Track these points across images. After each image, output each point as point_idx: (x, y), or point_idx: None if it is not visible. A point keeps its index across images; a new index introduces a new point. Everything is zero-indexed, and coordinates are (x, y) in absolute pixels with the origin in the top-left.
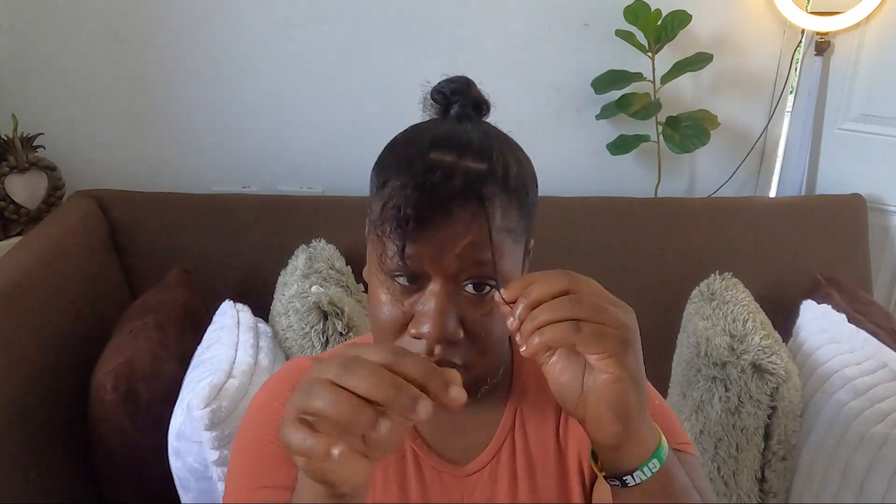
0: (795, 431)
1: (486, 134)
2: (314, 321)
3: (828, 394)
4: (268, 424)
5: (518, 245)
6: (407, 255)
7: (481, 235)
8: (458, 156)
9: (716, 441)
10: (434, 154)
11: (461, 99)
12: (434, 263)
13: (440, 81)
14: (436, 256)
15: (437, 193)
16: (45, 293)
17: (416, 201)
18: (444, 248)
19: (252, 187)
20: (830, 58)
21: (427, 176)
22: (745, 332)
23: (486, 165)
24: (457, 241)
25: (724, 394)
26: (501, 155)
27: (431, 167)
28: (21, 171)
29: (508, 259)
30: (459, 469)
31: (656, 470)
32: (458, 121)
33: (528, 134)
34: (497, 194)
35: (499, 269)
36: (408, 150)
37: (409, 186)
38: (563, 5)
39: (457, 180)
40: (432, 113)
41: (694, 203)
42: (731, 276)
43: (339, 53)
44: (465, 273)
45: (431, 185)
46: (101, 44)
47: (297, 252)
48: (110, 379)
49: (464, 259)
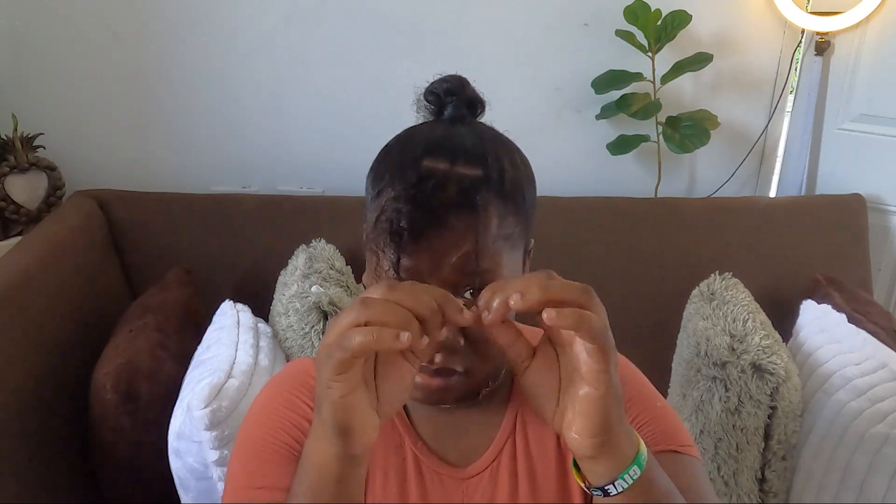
0: (795, 431)
1: (480, 137)
2: (314, 321)
3: (828, 394)
4: (269, 425)
5: (516, 250)
6: (402, 269)
7: (477, 245)
8: (452, 163)
9: (716, 441)
10: (427, 161)
11: (455, 99)
12: (430, 275)
13: (433, 81)
14: (432, 268)
15: (430, 204)
16: (45, 293)
17: (409, 214)
18: (439, 259)
19: (252, 187)
20: (830, 58)
21: (420, 186)
22: (745, 332)
23: (480, 171)
24: (452, 251)
25: (724, 394)
26: (496, 159)
27: (425, 176)
28: (21, 171)
29: (506, 266)
30: (460, 471)
31: (637, 477)
32: (452, 123)
33: (528, 134)
34: (492, 201)
35: (497, 275)
36: (401, 157)
37: (401, 199)
38: (563, 5)
39: (450, 189)
40: (426, 114)
41: (694, 203)
42: (731, 276)
43: (338, 54)
44: (462, 282)
45: (424, 196)
46: (101, 44)
47: (297, 252)
48: (110, 379)
49: (460, 270)
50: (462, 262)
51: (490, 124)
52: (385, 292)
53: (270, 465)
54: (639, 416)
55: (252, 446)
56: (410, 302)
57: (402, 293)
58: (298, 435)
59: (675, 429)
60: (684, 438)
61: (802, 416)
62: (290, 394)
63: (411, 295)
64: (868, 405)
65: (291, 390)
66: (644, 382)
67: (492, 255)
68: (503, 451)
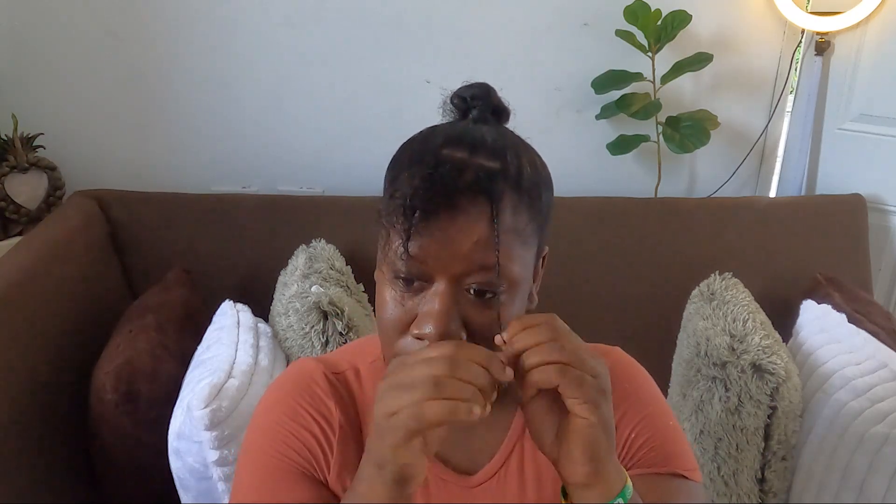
0: (795, 431)
1: (501, 135)
2: (314, 321)
3: (828, 394)
4: (272, 436)
5: (528, 249)
6: (411, 250)
7: (488, 235)
8: (471, 153)
9: (716, 441)
10: (446, 150)
11: (480, 104)
12: (438, 261)
13: (460, 87)
14: (440, 254)
15: (445, 186)
16: (45, 293)
17: (423, 192)
18: (449, 244)
19: (252, 187)
20: (830, 58)
21: (437, 169)
22: (745, 332)
23: (498, 164)
24: (462, 238)
25: (724, 394)
26: (515, 156)
27: (442, 161)
28: (21, 171)
29: (516, 262)
30: (467, 479)
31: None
32: (476, 122)
33: (528, 134)
34: (507, 193)
35: (505, 272)
36: (421, 146)
37: (417, 177)
38: (563, 5)
39: (467, 175)
40: (451, 118)
41: (694, 203)
42: (731, 276)
43: (339, 53)
44: (469, 275)
45: (441, 179)
46: (101, 44)
47: (297, 252)
48: (110, 379)
49: (468, 260)
50: (471, 251)
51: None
52: (451, 369)
53: (274, 479)
54: (651, 438)
55: (256, 459)
56: (473, 378)
57: (463, 370)
58: (299, 446)
59: (681, 452)
60: (689, 462)
61: (802, 416)
62: (293, 401)
63: (471, 373)
64: (868, 405)
65: (294, 396)
66: (658, 399)
67: (502, 248)
68: (511, 455)
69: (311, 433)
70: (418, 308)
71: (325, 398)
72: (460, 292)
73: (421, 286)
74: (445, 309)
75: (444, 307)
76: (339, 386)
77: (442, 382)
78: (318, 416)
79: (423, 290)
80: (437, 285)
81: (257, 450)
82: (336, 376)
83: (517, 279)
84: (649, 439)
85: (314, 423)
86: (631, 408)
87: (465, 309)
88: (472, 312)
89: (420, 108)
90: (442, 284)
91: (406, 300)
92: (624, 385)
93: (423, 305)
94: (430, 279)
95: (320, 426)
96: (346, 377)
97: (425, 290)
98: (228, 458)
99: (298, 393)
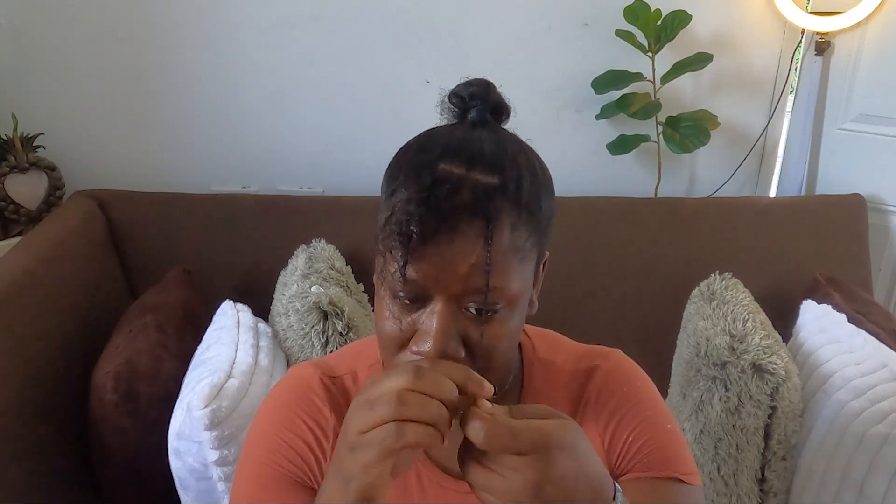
0: (795, 431)
1: (500, 143)
2: (314, 321)
3: (828, 394)
4: (268, 446)
5: (526, 263)
6: (408, 274)
7: (486, 256)
8: (469, 168)
9: (716, 441)
10: (444, 164)
11: (479, 103)
12: (436, 283)
13: (458, 84)
14: (438, 276)
15: (442, 209)
16: (45, 293)
17: (419, 217)
18: (447, 267)
19: (252, 187)
20: (830, 58)
21: (433, 190)
22: (745, 332)
23: (496, 179)
24: (460, 261)
25: (724, 394)
26: (515, 166)
27: (439, 180)
28: (21, 171)
29: (515, 280)
30: (465, 485)
31: None
32: (474, 127)
33: (528, 134)
34: (506, 211)
35: (504, 292)
36: (418, 157)
37: (413, 202)
38: (563, 5)
39: (464, 195)
40: (450, 117)
41: (694, 203)
42: (731, 276)
43: (339, 53)
44: (467, 295)
45: (437, 200)
46: (101, 44)
47: (297, 252)
48: (110, 379)
49: (466, 282)
50: (469, 273)
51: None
52: (413, 382)
53: (267, 490)
54: (649, 441)
55: (250, 469)
56: (438, 392)
57: (428, 383)
58: (293, 455)
59: (680, 456)
60: (688, 466)
61: (802, 416)
62: (289, 410)
63: (437, 385)
64: (868, 405)
65: (290, 405)
66: (657, 402)
67: (501, 269)
68: None
69: (306, 442)
70: (417, 324)
71: (321, 405)
72: (459, 310)
73: (419, 305)
74: (443, 328)
75: (442, 326)
76: (335, 391)
77: (409, 403)
78: (314, 423)
79: (422, 306)
80: (435, 304)
81: (252, 460)
82: (333, 381)
83: (516, 296)
84: (647, 442)
85: (308, 431)
86: (630, 411)
87: (463, 326)
88: (471, 329)
89: (420, 108)
90: (440, 304)
91: (404, 316)
92: (623, 388)
93: (421, 322)
94: (429, 298)
95: (314, 434)
96: (344, 382)
97: (424, 307)
98: (228, 458)
99: (294, 401)
